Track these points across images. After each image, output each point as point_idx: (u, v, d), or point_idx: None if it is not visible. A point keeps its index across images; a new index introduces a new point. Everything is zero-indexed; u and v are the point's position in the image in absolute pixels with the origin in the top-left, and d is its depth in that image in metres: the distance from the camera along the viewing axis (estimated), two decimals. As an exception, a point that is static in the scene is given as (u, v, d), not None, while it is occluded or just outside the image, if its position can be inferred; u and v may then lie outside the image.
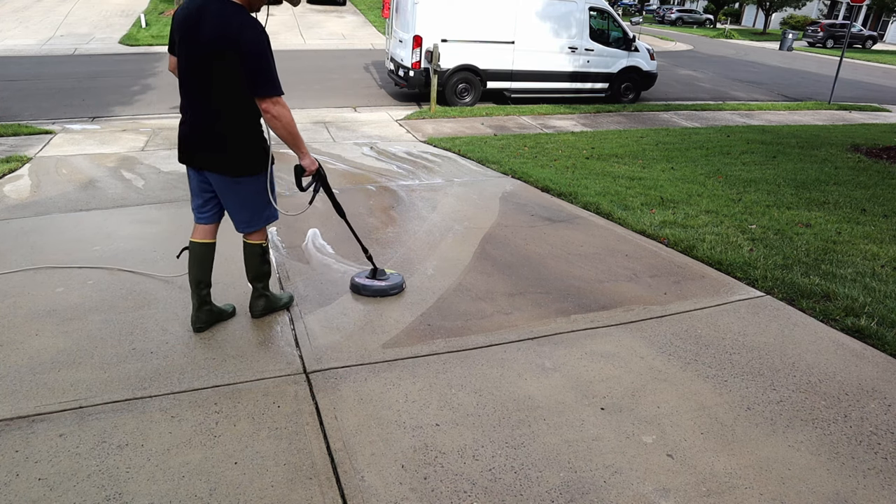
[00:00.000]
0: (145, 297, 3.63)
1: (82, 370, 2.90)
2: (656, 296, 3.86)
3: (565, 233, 4.90)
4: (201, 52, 2.70)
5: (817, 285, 4.02)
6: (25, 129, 8.13)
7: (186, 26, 2.72)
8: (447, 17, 10.55)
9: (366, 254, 3.78)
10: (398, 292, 3.77)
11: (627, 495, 2.26)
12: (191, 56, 2.74)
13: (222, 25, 2.64)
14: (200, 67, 2.74)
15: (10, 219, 4.94)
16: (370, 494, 2.23)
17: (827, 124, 11.09)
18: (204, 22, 2.67)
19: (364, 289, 3.73)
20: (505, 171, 6.71)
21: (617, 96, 12.13)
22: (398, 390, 2.83)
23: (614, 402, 2.80)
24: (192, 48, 2.72)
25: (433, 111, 10.35)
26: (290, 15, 24.55)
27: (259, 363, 3.01)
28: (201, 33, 2.67)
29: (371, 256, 3.81)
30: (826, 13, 46.95)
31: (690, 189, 6.29)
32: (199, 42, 2.69)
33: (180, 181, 6.05)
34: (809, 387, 2.96)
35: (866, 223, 5.42)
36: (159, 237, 4.57)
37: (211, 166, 2.92)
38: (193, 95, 2.84)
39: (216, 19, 2.65)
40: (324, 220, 4.95)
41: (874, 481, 2.37)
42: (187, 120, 2.92)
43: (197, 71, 2.76)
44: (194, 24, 2.69)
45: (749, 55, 25.84)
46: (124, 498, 2.17)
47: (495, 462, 2.40)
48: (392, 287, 3.75)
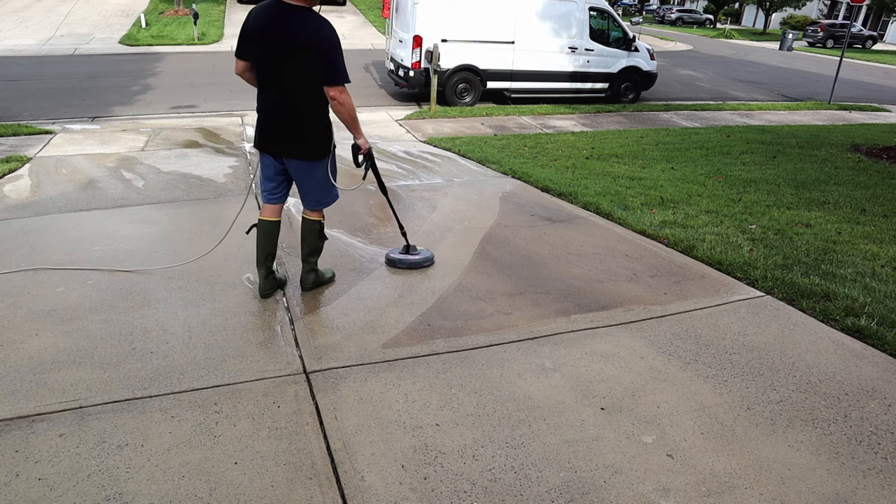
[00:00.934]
0: (145, 297, 3.63)
1: (82, 370, 2.90)
2: (656, 296, 3.86)
3: (565, 233, 4.90)
4: (285, 53, 3.06)
5: (817, 285, 4.02)
6: (25, 129, 8.13)
7: (264, 32, 3.09)
8: (447, 17, 10.54)
9: (401, 230, 4.12)
10: (430, 265, 4.14)
11: (627, 495, 2.26)
12: (273, 58, 3.10)
13: (302, 28, 3.02)
14: (283, 67, 3.10)
15: (10, 219, 4.94)
16: (370, 494, 2.23)
17: (827, 124, 11.10)
18: (282, 27, 3.03)
19: (399, 262, 4.10)
20: (505, 171, 6.71)
21: (617, 96, 12.13)
22: (398, 390, 2.83)
23: (614, 402, 2.80)
24: (275, 50, 3.07)
25: (433, 111, 10.34)
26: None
27: (259, 363, 3.01)
28: (282, 37, 3.03)
29: (406, 233, 4.14)
30: (826, 13, 46.95)
31: (690, 189, 6.29)
32: (282, 45, 3.04)
33: (180, 181, 6.05)
34: (809, 387, 2.96)
35: (866, 223, 5.42)
36: (159, 237, 4.57)
37: (292, 154, 3.31)
38: (274, 92, 3.19)
39: (293, 24, 3.02)
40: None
41: (874, 481, 2.37)
42: (267, 115, 3.27)
43: (279, 70, 3.11)
44: (272, 31, 3.05)
45: (749, 55, 25.85)
46: (124, 498, 2.17)
47: (495, 462, 2.40)
48: (424, 260, 4.13)
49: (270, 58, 3.10)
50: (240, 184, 6.01)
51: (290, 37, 3.02)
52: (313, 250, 3.63)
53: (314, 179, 3.40)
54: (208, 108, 10.25)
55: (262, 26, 3.10)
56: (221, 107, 10.46)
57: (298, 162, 3.32)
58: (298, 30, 3.01)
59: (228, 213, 5.15)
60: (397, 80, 11.56)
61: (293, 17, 3.03)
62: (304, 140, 3.26)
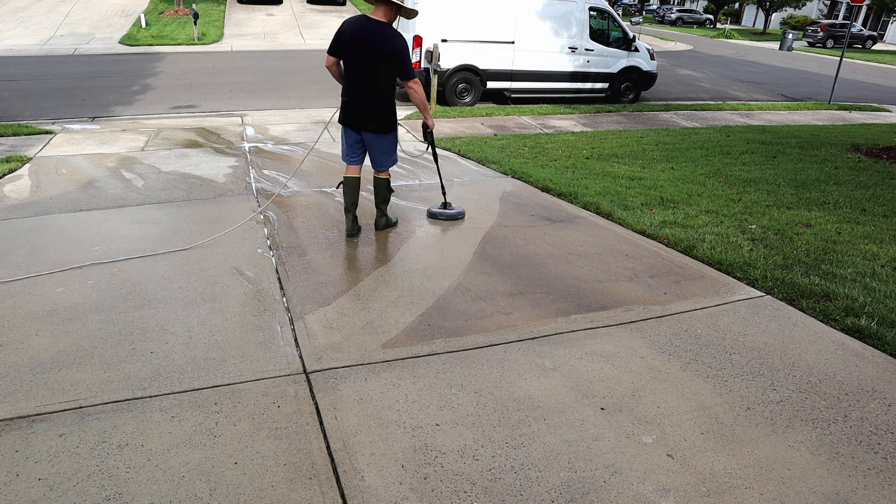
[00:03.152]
0: (145, 297, 3.63)
1: (82, 370, 2.90)
2: (656, 296, 3.86)
3: (565, 233, 4.90)
4: (374, 57, 4.20)
5: (817, 285, 4.02)
6: (25, 129, 8.13)
7: (357, 39, 4.18)
8: (447, 17, 10.54)
9: (442, 189, 5.29)
10: (462, 218, 5.16)
11: (627, 495, 2.26)
12: (365, 59, 4.21)
13: (387, 40, 4.17)
14: (372, 67, 4.24)
15: (10, 219, 4.94)
16: (370, 494, 2.23)
17: (827, 124, 11.09)
18: (373, 37, 4.17)
19: (439, 215, 5.13)
20: (505, 170, 6.71)
21: (617, 96, 12.12)
22: (398, 390, 2.83)
23: (614, 402, 2.80)
24: (367, 54, 4.19)
25: (433, 111, 10.34)
26: (290, 15, 24.56)
27: (259, 363, 3.01)
28: (373, 45, 4.16)
29: (445, 192, 5.30)
30: (826, 13, 46.94)
31: (690, 189, 6.29)
32: (374, 50, 4.17)
33: (180, 181, 6.05)
34: (809, 387, 2.96)
35: (866, 223, 5.42)
36: (159, 237, 4.57)
37: (369, 128, 4.45)
38: (362, 84, 4.30)
39: (381, 36, 4.16)
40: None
41: (874, 481, 2.37)
42: (353, 100, 4.37)
43: (368, 69, 4.25)
44: (364, 38, 4.17)
45: (749, 55, 25.84)
46: (124, 498, 2.17)
47: (495, 462, 2.40)
48: (459, 213, 5.16)
49: (363, 60, 4.22)
50: (240, 184, 6.01)
51: (378, 46, 4.16)
52: (383, 200, 4.79)
53: (382, 146, 4.55)
54: (208, 108, 10.25)
55: (353, 35, 4.18)
56: (221, 107, 10.46)
57: (372, 134, 4.48)
58: (386, 41, 4.16)
59: (229, 212, 5.15)
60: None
61: (380, 30, 4.16)
62: (379, 118, 4.42)
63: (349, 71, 4.31)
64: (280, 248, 4.43)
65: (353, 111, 4.42)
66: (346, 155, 4.59)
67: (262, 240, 4.57)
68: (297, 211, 5.24)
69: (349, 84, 4.35)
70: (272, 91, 12.16)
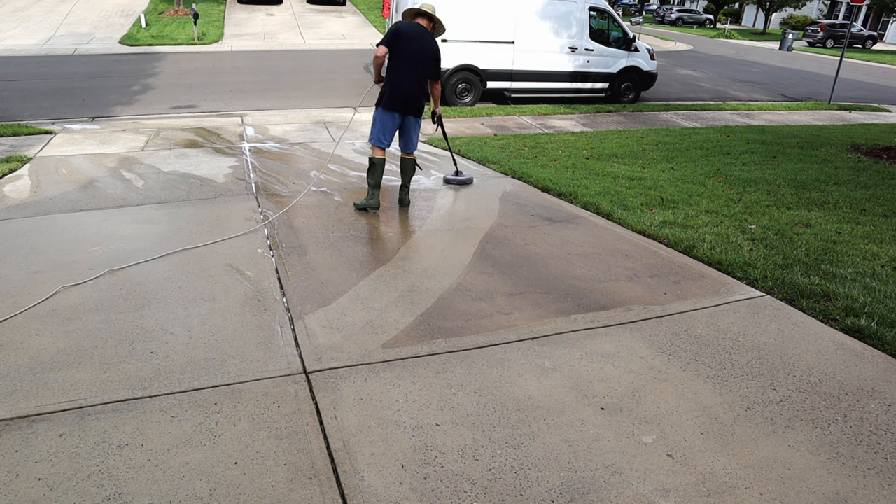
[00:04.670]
0: (145, 297, 3.63)
1: (82, 370, 2.90)
2: (656, 296, 3.86)
3: (565, 233, 4.90)
4: (426, 56, 5.03)
5: (817, 285, 4.01)
6: (25, 129, 8.13)
7: (411, 38, 4.97)
8: (447, 17, 10.50)
9: (454, 160, 6.52)
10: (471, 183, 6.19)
11: (627, 495, 2.26)
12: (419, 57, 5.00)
13: (432, 44, 5.08)
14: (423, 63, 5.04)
15: (10, 219, 4.94)
16: (370, 494, 2.23)
17: (827, 124, 11.09)
18: (424, 41, 5.02)
19: (451, 181, 6.18)
20: (505, 171, 6.71)
21: (617, 96, 12.12)
22: (398, 390, 2.83)
23: (614, 402, 2.80)
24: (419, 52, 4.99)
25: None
26: (290, 15, 24.56)
27: (259, 363, 3.01)
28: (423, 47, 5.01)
29: (456, 161, 6.53)
30: (826, 13, 46.93)
31: (690, 189, 6.29)
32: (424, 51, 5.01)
33: (180, 181, 6.05)
34: (809, 387, 2.96)
35: (866, 223, 5.42)
36: (160, 237, 4.57)
37: (414, 112, 5.19)
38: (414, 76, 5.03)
39: (429, 40, 5.06)
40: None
41: (874, 481, 2.37)
42: (406, 88, 5.03)
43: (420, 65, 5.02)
44: (418, 39, 4.99)
45: (749, 55, 25.84)
46: (124, 498, 2.17)
47: (495, 462, 2.40)
48: (469, 179, 6.22)
49: (417, 57, 4.99)
50: (240, 184, 6.01)
51: (427, 48, 5.03)
52: (411, 177, 5.47)
53: (417, 129, 5.30)
54: (208, 108, 10.25)
55: (408, 35, 4.97)
56: (221, 107, 10.46)
57: (413, 118, 5.22)
58: (432, 45, 5.07)
59: (228, 212, 5.15)
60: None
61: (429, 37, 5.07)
62: (421, 106, 5.18)
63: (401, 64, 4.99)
64: (280, 248, 4.42)
65: (405, 99, 5.06)
66: (382, 137, 5.13)
67: (262, 240, 4.57)
68: (297, 211, 5.24)
69: (403, 75, 5.00)
70: (272, 91, 12.16)
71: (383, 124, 5.09)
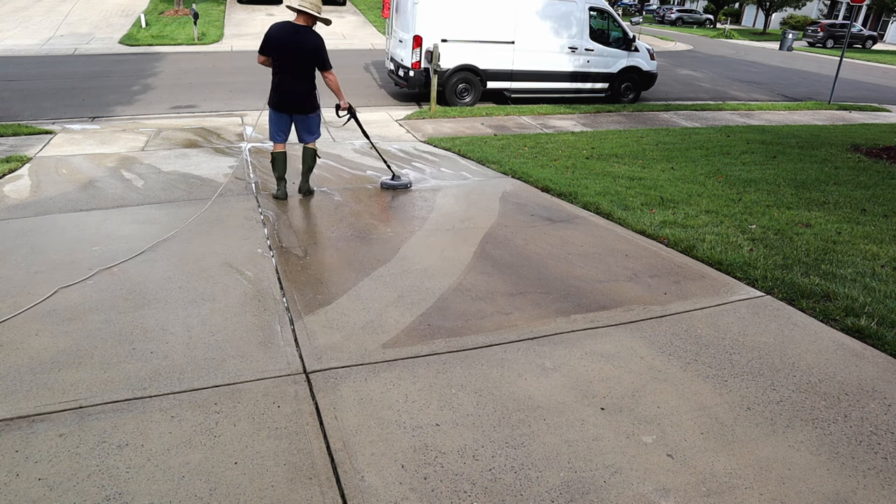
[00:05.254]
0: (145, 297, 3.63)
1: (82, 370, 2.90)
2: (656, 296, 3.86)
3: (565, 233, 4.90)
4: (304, 55, 5.15)
5: (817, 285, 4.01)
6: (25, 129, 8.13)
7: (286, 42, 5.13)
8: (447, 17, 10.54)
9: (386, 164, 6.22)
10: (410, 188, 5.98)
11: (627, 495, 2.26)
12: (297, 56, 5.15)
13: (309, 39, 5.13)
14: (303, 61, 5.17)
15: (10, 219, 4.94)
16: (370, 494, 2.23)
17: (827, 124, 11.09)
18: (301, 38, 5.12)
19: (386, 185, 5.95)
20: (505, 171, 6.71)
21: (617, 96, 12.12)
22: (398, 390, 2.83)
23: (614, 402, 2.80)
24: (297, 52, 5.13)
25: (433, 111, 10.34)
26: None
27: (259, 363, 3.01)
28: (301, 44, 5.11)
29: (390, 166, 6.20)
30: (826, 13, 46.92)
31: (690, 189, 6.29)
32: (303, 49, 5.12)
33: (180, 181, 6.05)
34: (809, 387, 2.96)
35: (866, 223, 5.42)
36: (160, 237, 4.57)
37: (299, 111, 5.39)
38: (293, 75, 5.21)
39: (307, 37, 5.13)
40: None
41: (874, 481, 2.37)
42: (285, 89, 5.26)
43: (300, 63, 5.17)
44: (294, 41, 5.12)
45: (749, 55, 25.84)
46: (124, 498, 2.17)
47: (495, 462, 2.40)
48: (407, 183, 5.99)
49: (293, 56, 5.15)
50: (240, 184, 6.01)
51: (307, 44, 5.12)
52: (310, 167, 5.65)
53: (309, 123, 5.50)
54: (208, 108, 10.25)
55: (282, 37, 5.12)
56: (221, 107, 10.45)
57: (301, 116, 5.43)
58: (311, 41, 5.14)
59: (228, 212, 5.15)
60: (397, 80, 11.55)
61: (305, 33, 5.12)
62: (307, 101, 5.36)
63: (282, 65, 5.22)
64: (280, 248, 4.42)
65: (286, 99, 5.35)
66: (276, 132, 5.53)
67: (262, 240, 4.57)
68: (297, 211, 5.24)
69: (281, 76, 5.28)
70: (272, 91, 12.14)
71: (276, 123, 5.45)
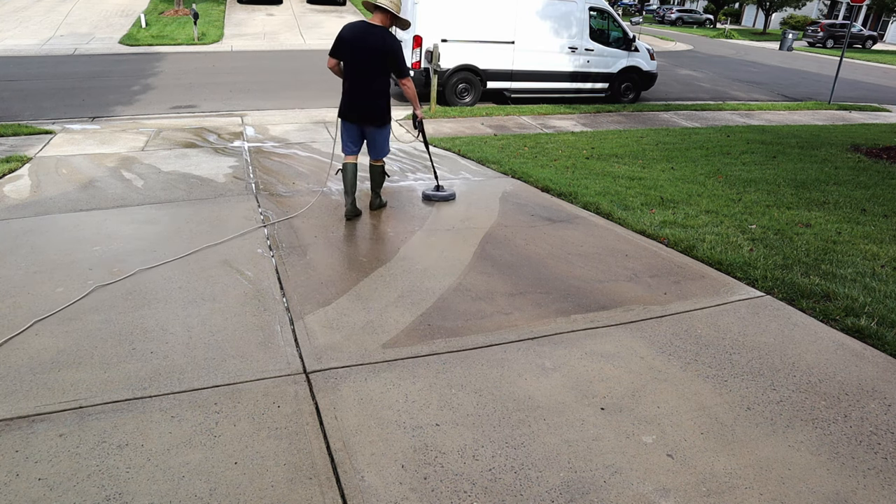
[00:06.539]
0: (145, 297, 3.63)
1: (82, 370, 2.90)
2: (656, 296, 3.86)
3: (565, 233, 4.90)
4: (379, 58, 4.71)
5: (817, 285, 4.01)
6: (25, 129, 8.13)
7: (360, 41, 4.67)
8: (447, 17, 10.54)
9: (434, 174, 5.89)
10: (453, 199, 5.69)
11: (627, 495, 2.26)
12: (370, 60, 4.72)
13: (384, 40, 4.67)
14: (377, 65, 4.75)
15: (10, 219, 4.94)
16: (370, 494, 2.23)
17: (827, 124, 11.09)
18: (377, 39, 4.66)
19: (433, 196, 5.65)
20: (505, 171, 6.71)
21: (617, 96, 12.12)
22: (398, 390, 2.83)
23: (614, 402, 2.80)
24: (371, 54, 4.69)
25: (433, 111, 10.34)
26: (290, 15, 24.56)
27: (259, 363, 3.01)
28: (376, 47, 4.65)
29: (437, 176, 5.90)
30: (826, 13, 46.92)
31: (690, 189, 6.29)
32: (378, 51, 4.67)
33: (180, 181, 6.05)
34: (809, 387, 2.96)
35: (866, 223, 5.42)
36: (160, 237, 4.57)
37: (370, 122, 4.97)
38: (366, 81, 4.78)
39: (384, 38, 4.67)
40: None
41: (874, 481, 2.37)
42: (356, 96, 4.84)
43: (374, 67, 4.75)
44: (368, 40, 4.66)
45: (749, 55, 25.84)
46: (124, 498, 2.17)
47: (495, 462, 2.40)
48: (451, 195, 5.69)
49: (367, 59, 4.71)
50: (239, 184, 6.01)
51: (380, 46, 4.66)
52: (379, 184, 5.31)
53: (382, 136, 5.08)
54: (208, 108, 10.25)
55: (358, 38, 4.68)
56: (221, 107, 10.45)
57: (374, 128, 5.01)
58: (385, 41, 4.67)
59: (228, 212, 5.15)
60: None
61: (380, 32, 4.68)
62: (380, 112, 4.94)
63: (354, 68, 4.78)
64: (280, 248, 4.42)
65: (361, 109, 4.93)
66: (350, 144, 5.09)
67: (262, 240, 4.57)
68: (297, 211, 5.24)
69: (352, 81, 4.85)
70: (272, 91, 12.16)
71: (347, 134, 5.05)
